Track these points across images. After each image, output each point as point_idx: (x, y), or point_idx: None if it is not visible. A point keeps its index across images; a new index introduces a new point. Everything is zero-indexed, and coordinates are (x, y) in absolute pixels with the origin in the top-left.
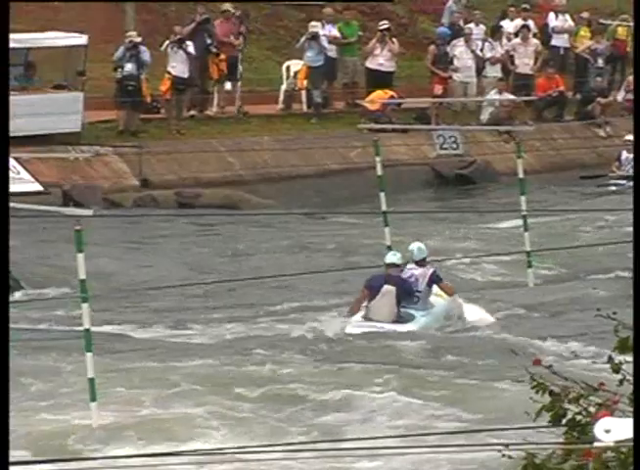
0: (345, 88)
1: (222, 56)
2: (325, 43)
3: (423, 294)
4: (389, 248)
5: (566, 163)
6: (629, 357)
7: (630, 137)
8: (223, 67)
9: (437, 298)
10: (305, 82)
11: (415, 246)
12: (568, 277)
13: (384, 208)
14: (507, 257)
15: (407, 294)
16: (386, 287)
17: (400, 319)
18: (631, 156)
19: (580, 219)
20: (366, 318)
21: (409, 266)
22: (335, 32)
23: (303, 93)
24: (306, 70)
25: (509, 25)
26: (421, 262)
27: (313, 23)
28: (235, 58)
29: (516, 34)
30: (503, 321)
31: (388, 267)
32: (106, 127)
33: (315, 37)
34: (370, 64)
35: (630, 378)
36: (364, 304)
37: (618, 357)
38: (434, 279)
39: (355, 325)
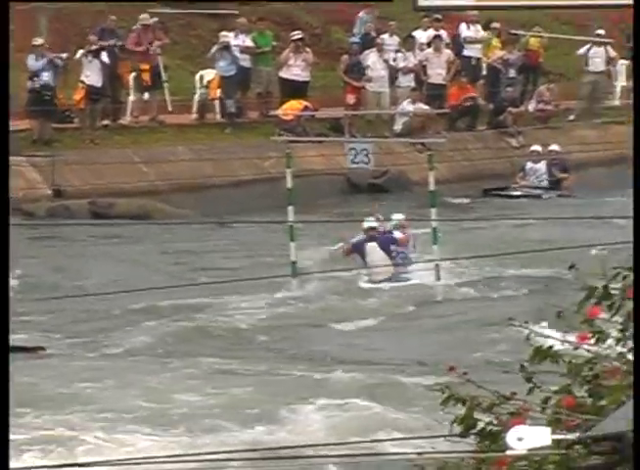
0: (260, 98)
1: (145, 66)
2: (237, 53)
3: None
4: (294, 263)
5: (478, 172)
6: (543, 367)
7: (536, 148)
8: (146, 77)
9: None
10: (218, 92)
11: (394, 215)
12: (477, 286)
13: (291, 220)
14: (418, 265)
15: (389, 244)
16: (368, 245)
17: (399, 265)
18: (536, 166)
19: (490, 229)
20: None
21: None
22: (248, 42)
23: (217, 103)
24: (219, 80)
25: (421, 36)
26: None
27: (224, 33)
28: (157, 67)
29: (428, 45)
30: (416, 330)
31: (367, 232)
32: (20, 137)
33: (227, 47)
34: (284, 74)
35: (544, 387)
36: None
37: (532, 367)
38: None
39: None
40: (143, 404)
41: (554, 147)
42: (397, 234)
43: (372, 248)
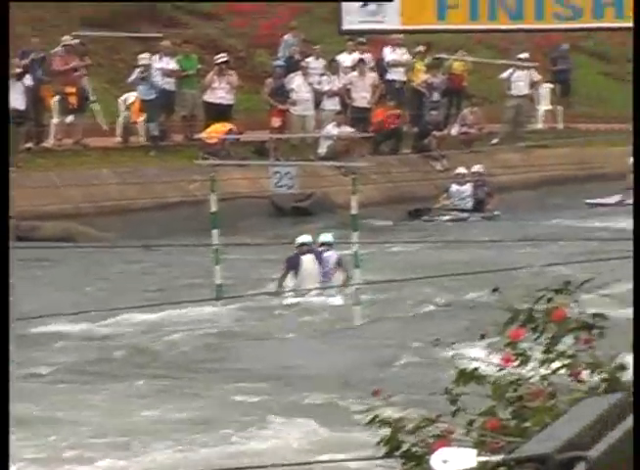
0: (185, 121)
1: (70, 89)
2: (158, 76)
3: (331, 270)
4: (220, 286)
5: (403, 195)
6: (467, 389)
7: (461, 170)
8: (73, 100)
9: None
10: (140, 115)
11: (323, 234)
12: (400, 308)
13: (216, 244)
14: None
15: (321, 260)
16: (303, 258)
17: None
18: (461, 188)
19: (414, 251)
20: (297, 288)
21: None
22: (172, 65)
23: (141, 126)
24: (139, 103)
25: (346, 59)
26: (327, 245)
27: (142, 56)
28: (82, 90)
29: (353, 68)
30: (339, 355)
31: (299, 247)
32: None
33: (146, 70)
34: (208, 97)
35: (468, 408)
36: (289, 278)
37: (457, 389)
38: (339, 262)
39: (289, 297)
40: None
41: (477, 168)
42: (328, 253)
43: (308, 260)
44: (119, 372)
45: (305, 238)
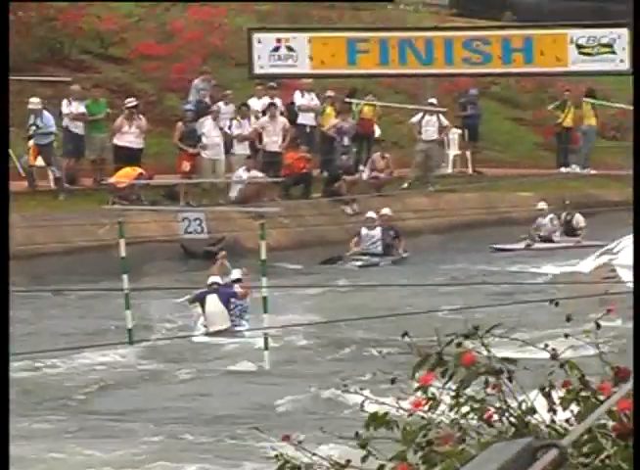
0: (94, 165)
1: None
2: (50, 122)
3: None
4: (130, 330)
5: (314, 239)
6: (378, 434)
7: (371, 214)
8: None
9: None
10: (37, 159)
11: (235, 270)
12: (309, 351)
13: (126, 289)
14: (249, 332)
15: (229, 296)
16: (209, 297)
17: (234, 322)
18: (371, 232)
19: (324, 295)
20: (206, 328)
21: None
22: (81, 109)
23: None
24: (34, 148)
25: (256, 104)
26: (237, 282)
27: (32, 100)
28: None
29: (263, 112)
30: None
31: (209, 286)
32: None
33: (38, 115)
34: (118, 141)
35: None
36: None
37: (367, 433)
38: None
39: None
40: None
41: (385, 211)
42: (237, 288)
43: (211, 299)
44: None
45: (216, 278)
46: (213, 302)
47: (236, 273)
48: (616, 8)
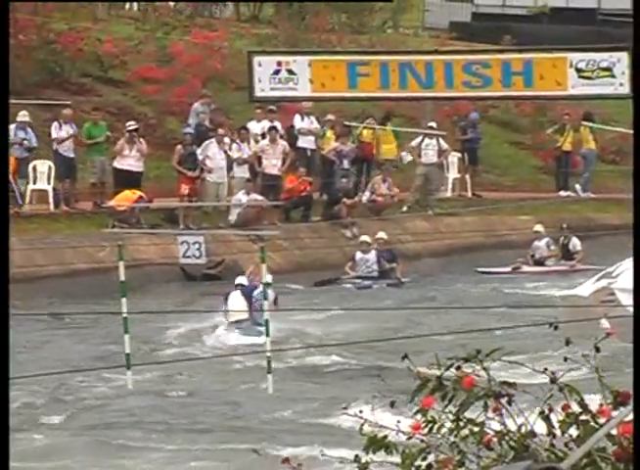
0: (94, 188)
1: None
2: (33, 138)
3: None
4: (128, 355)
5: (313, 262)
6: (377, 457)
7: (365, 238)
8: None
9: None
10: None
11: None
12: (309, 374)
13: (124, 313)
14: (249, 356)
15: (250, 294)
16: (233, 293)
17: (252, 320)
18: (366, 256)
19: (321, 318)
20: (228, 322)
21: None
22: (71, 132)
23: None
24: (14, 161)
25: (256, 127)
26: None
27: (22, 112)
28: None
29: (263, 136)
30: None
31: (236, 286)
32: None
33: (25, 126)
34: (118, 164)
35: None
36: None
37: (367, 457)
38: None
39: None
40: None
41: (380, 235)
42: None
43: (235, 294)
44: None
45: (243, 279)
46: (236, 296)
47: (268, 278)
48: (614, 32)
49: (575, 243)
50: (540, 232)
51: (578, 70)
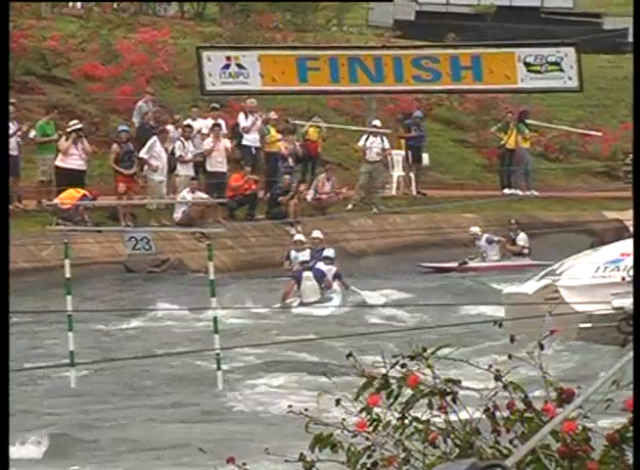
0: (42, 186)
1: None
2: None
3: (330, 282)
4: (72, 353)
5: (258, 260)
6: (322, 455)
7: (299, 237)
8: None
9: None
10: None
11: (327, 250)
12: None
13: (69, 311)
14: (198, 354)
15: (321, 277)
16: (305, 273)
17: (325, 298)
18: (299, 254)
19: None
20: (302, 304)
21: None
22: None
23: None
24: None
25: (201, 125)
26: (327, 261)
27: None
28: None
29: (208, 134)
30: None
31: (301, 264)
32: None
33: None
34: (61, 162)
35: None
36: (294, 290)
37: (312, 455)
38: (337, 275)
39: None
40: None
41: (316, 234)
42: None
43: (308, 276)
44: None
45: (305, 256)
46: (309, 278)
47: (327, 252)
48: (558, 30)
49: (524, 238)
50: (477, 233)
51: (527, 65)
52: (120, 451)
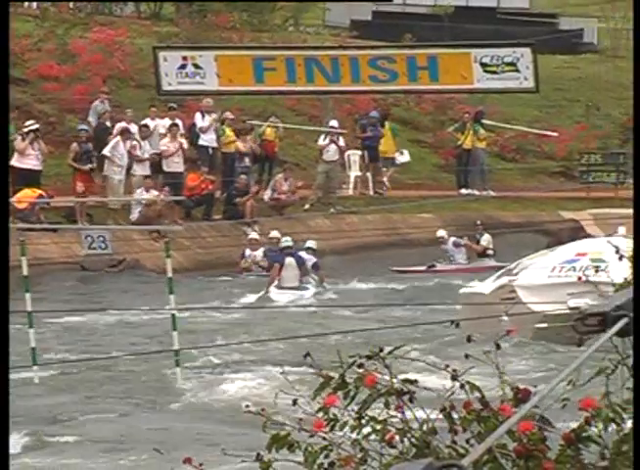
0: None
1: None
2: None
3: (307, 271)
4: (34, 349)
5: (215, 260)
6: (279, 455)
7: (253, 235)
8: None
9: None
10: None
11: (308, 242)
12: (214, 373)
13: (29, 308)
14: (157, 355)
15: (302, 264)
16: (288, 259)
17: (302, 286)
18: (254, 253)
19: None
20: (280, 287)
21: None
22: None
23: None
24: None
25: (157, 124)
26: (309, 251)
27: None
28: None
29: (165, 133)
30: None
31: (284, 249)
32: None
33: None
34: (17, 162)
35: None
36: (277, 276)
37: (269, 455)
38: (315, 266)
39: (275, 293)
40: None
41: (274, 234)
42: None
43: (290, 261)
44: None
45: (288, 242)
46: (291, 264)
47: (310, 243)
48: (514, 30)
49: (487, 239)
50: (443, 237)
51: (483, 65)
52: (76, 447)
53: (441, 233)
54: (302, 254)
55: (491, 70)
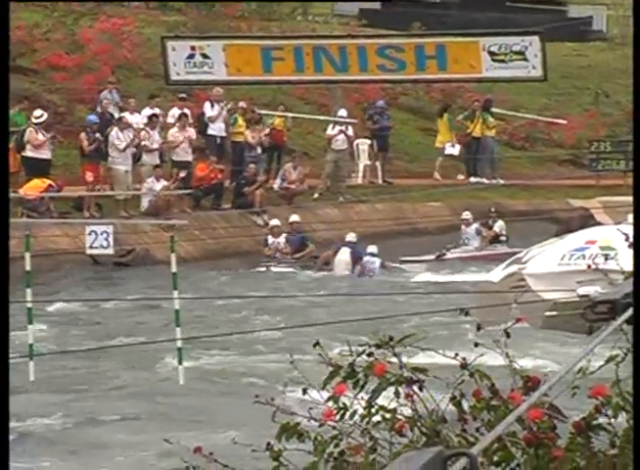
0: (13, 177)
1: None
2: None
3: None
4: (31, 346)
5: (224, 250)
6: (290, 445)
7: (275, 222)
8: None
9: None
10: None
11: (370, 247)
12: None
13: (29, 304)
14: (155, 345)
15: (357, 257)
16: (343, 248)
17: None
18: (277, 239)
19: (245, 303)
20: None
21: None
22: None
23: None
24: None
25: (166, 114)
26: (371, 256)
27: None
28: None
29: (174, 123)
30: (155, 415)
31: (347, 244)
32: None
33: None
34: (27, 152)
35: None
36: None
37: (279, 445)
38: (382, 266)
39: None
40: None
41: (294, 218)
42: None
43: (344, 250)
44: None
45: (352, 237)
46: (345, 252)
47: (372, 248)
48: (523, 18)
49: (501, 225)
50: (469, 219)
51: (491, 54)
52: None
53: (467, 215)
54: (367, 258)
55: (500, 59)
